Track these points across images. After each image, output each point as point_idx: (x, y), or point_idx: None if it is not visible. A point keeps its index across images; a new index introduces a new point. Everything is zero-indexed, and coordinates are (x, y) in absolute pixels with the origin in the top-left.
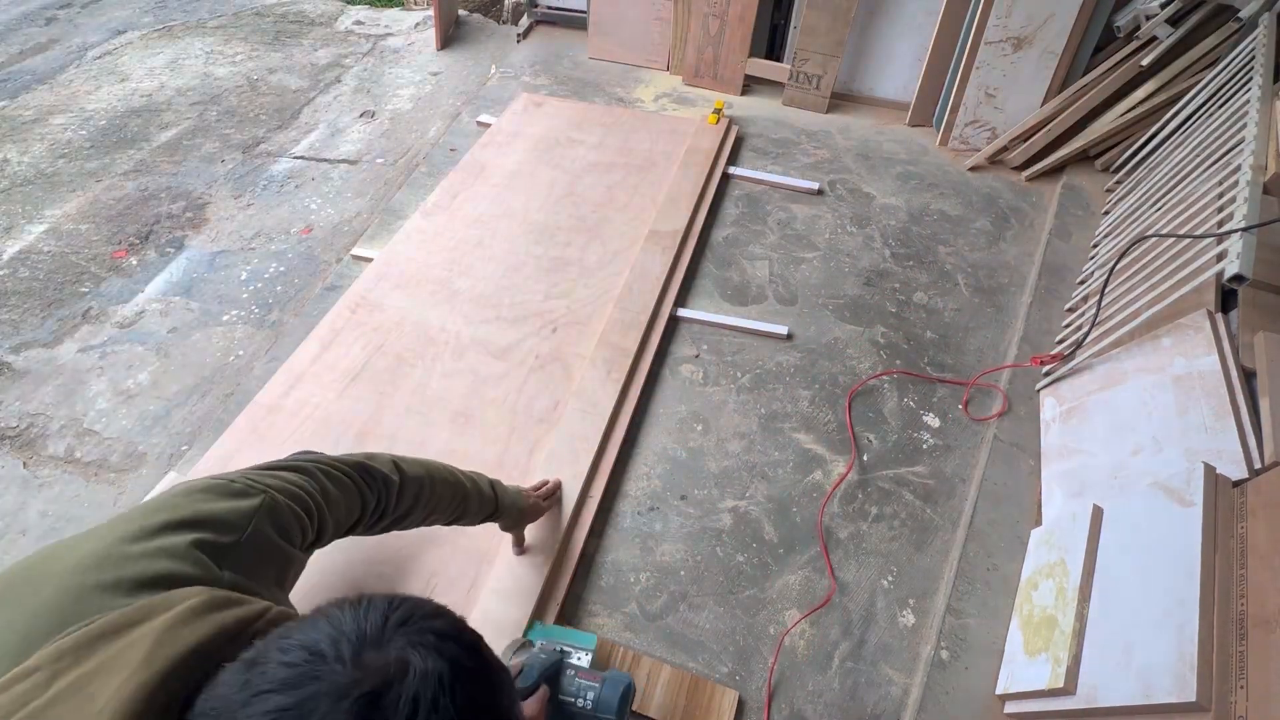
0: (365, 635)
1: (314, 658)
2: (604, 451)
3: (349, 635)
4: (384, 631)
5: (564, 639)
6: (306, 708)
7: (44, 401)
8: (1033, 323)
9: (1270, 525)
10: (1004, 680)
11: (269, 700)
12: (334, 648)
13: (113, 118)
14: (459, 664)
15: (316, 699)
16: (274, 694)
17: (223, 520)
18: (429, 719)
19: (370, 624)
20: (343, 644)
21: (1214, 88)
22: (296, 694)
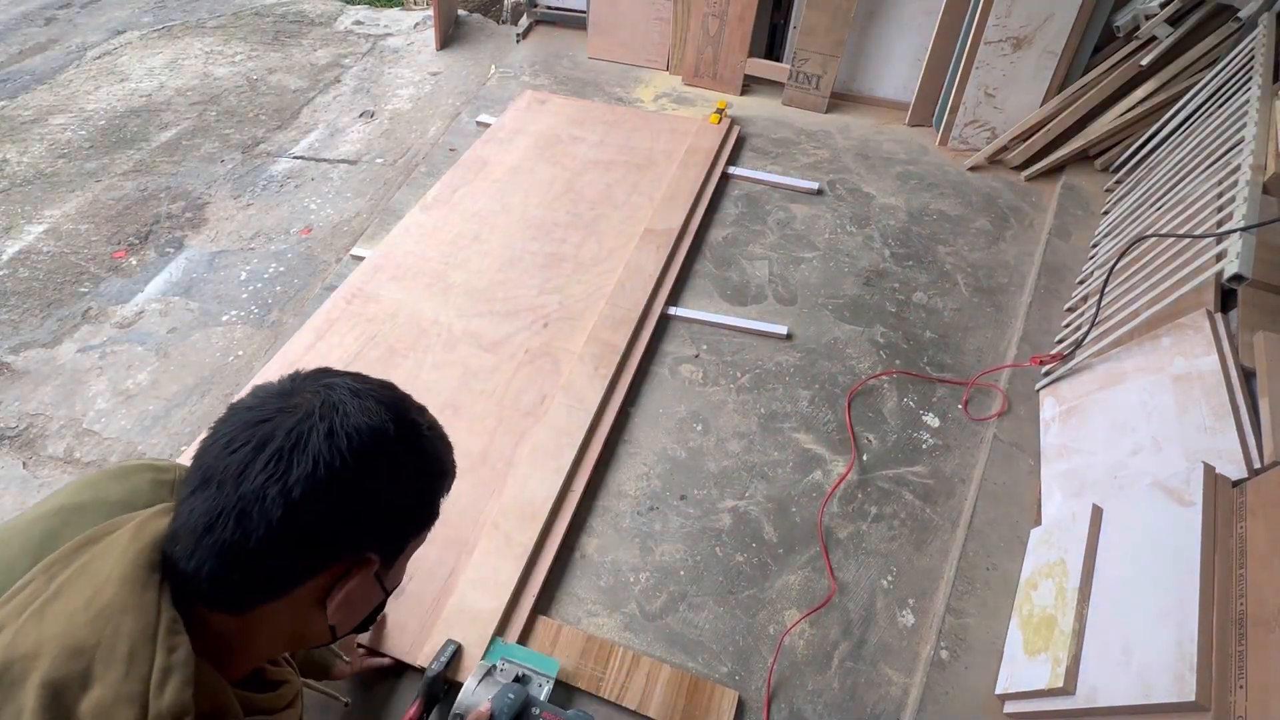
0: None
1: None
2: (588, 446)
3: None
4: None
5: (527, 662)
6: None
7: (43, 401)
8: (1032, 323)
9: (1270, 525)
10: (1004, 680)
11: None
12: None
13: (112, 118)
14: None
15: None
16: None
17: (165, 466)
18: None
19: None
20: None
21: (1214, 88)
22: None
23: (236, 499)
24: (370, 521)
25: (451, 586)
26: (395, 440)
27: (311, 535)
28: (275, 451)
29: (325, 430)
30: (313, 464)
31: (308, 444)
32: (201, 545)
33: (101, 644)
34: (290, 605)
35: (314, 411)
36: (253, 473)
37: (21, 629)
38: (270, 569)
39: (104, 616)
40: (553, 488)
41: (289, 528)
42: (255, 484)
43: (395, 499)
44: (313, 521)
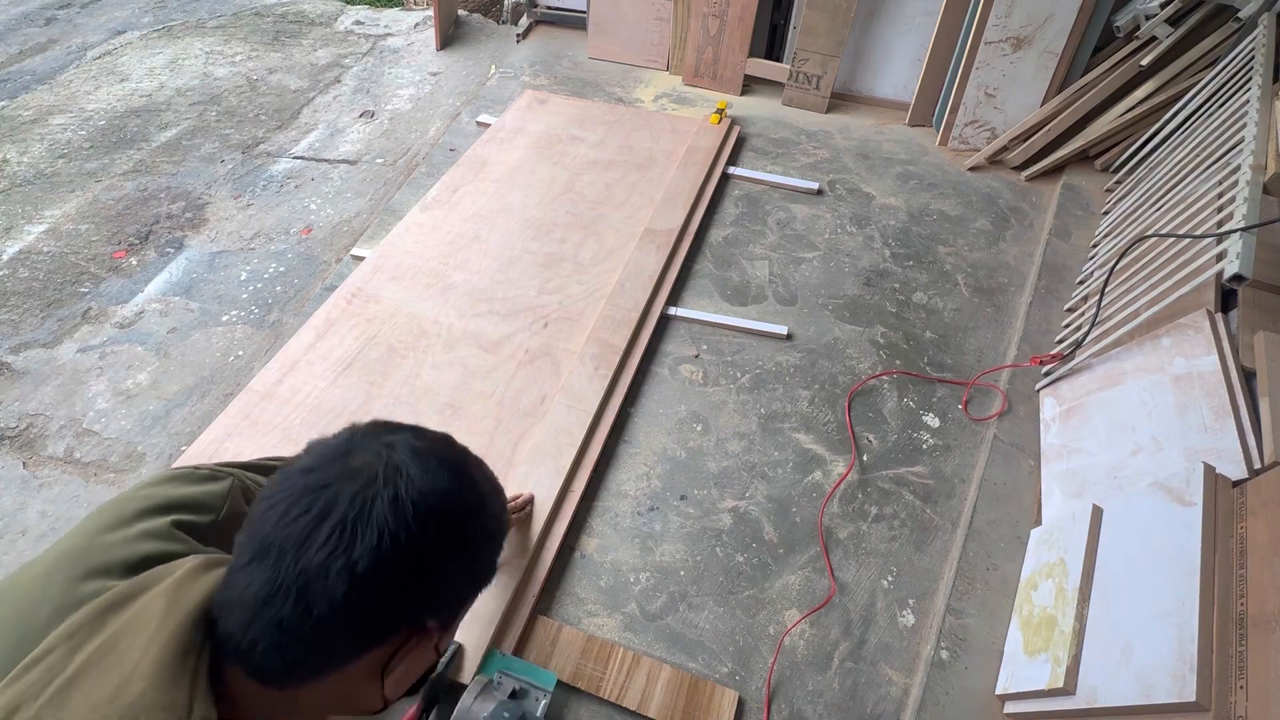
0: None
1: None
2: (588, 446)
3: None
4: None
5: (523, 675)
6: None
7: (44, 401)
8: (1032, 323)
9: (1270, 525)
10: (1004, 680)
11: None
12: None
13: (112, 118)
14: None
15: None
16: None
17: (198, 502)
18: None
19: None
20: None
21: (1214, 88)
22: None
23: (297, 573)
24: (433, 591)
25: None
26: (458, 504)
27: (375, 610)
28: (339, 522)
29: (390, 497)
30: (378, 535)
31: (372, 513)
32: (258, 619)
33: None
34: (342, 678)
35: (377, 476)
36: (314, 544)
37: (40, 715)
38: (329, 645)
39: (130, 717)
40: (553, 488)
41: (352, 603)
42: (318, 558)
43: (459, 566)
44: (376, 596)
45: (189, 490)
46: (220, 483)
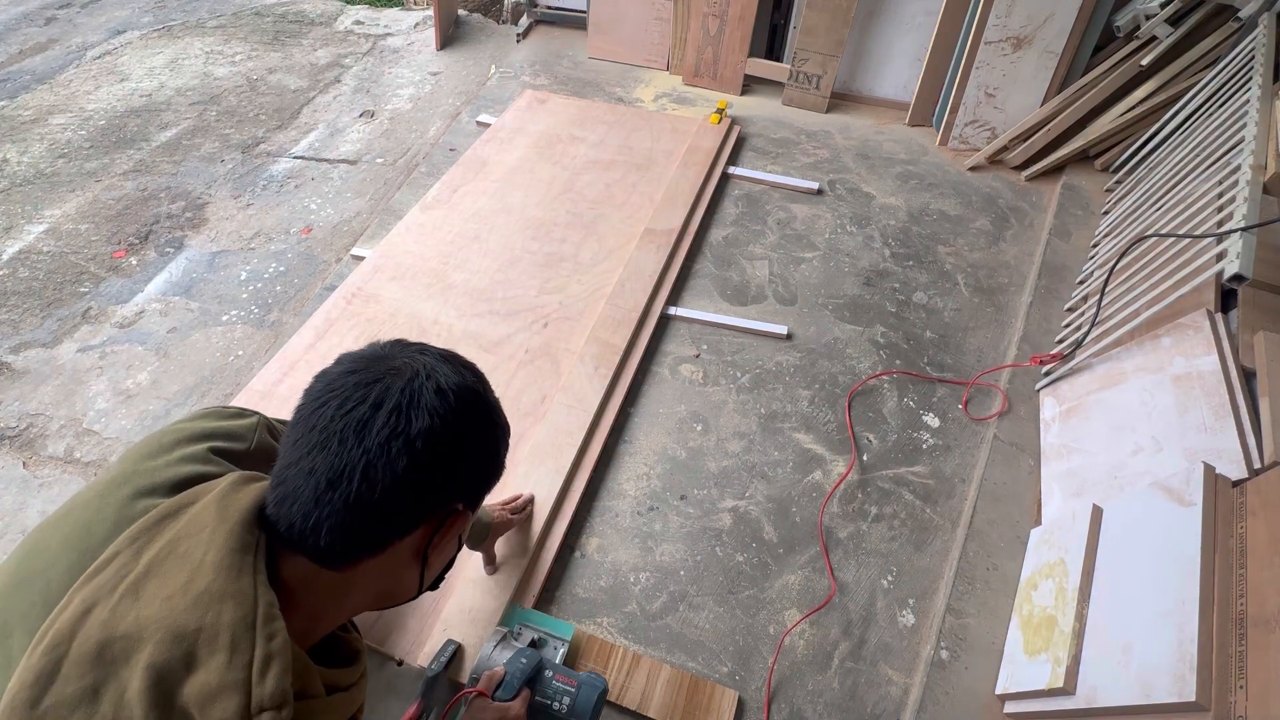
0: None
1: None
2: (588, 446)
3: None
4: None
5: (542, 626)
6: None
7: (44, 401)
8: (1032, 322)
9: (1270, 525)
10: (1004, 680)
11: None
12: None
13: (112, 118)
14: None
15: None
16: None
17: (230, 433)
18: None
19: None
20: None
21: (1214, 88)
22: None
23: (361, 454)
24: (467, 473)
25: (452, 586)
26: (484, 399)
27: (426, 485)
28: (395, 407)
29: (434, 388)
30: (429, 417)
31: (421, 400)
32: (324, 501)
33: (203, 630)
34: (388, 560)
35: (420, 372)
36: (375, 428)
37: (117, 607)
38: (387, 520)
39: (203, 603)
40: (552, 488)
41: (411, 478)
42: (379, 438)
43: (485, 452)
44: (428, 473)
45: (221, 423)
46: (249, 418)
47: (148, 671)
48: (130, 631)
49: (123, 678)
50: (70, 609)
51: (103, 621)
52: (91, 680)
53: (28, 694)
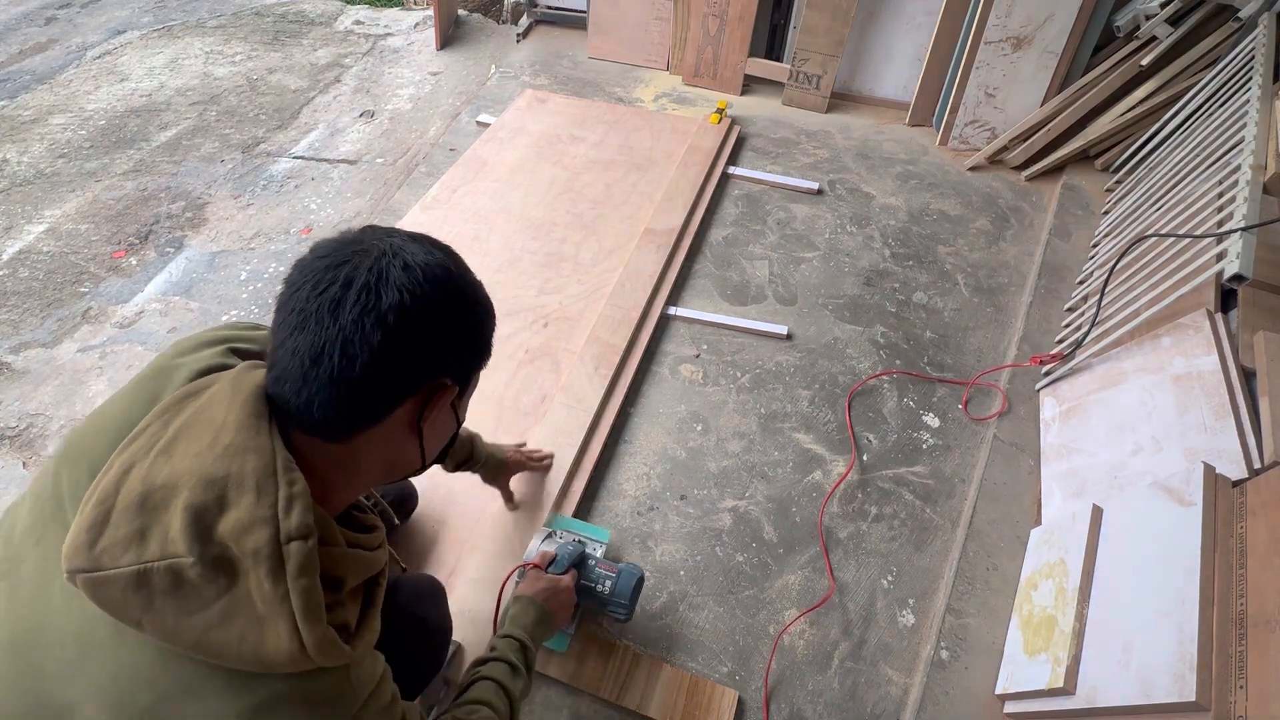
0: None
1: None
2: (588, 446)
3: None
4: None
5: (581, 531)
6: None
7: (44, 401)
8: (1032, 322)
9: (1270, 525)
10: (1004, 680)
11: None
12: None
13: (112, 118)
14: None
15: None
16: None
17: (246, 338)
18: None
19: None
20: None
21: (1214, 88)
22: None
23: (337, 331)
24: (447, 348)
25: (452, 586)
26: (457, 274)
27: (405, 358)
28: (363, 286)
29: (401, 265)
30: (397, 293)
31: (389, 277)
32: (310, 378)
33: (231, 477)
34: (386, 432)
35: (386, 251)
36: (347, 306)
37: (153, 464)
38: (372, 392)
39: (228, 455)
40: (553, 488)
41: (387, 350)
42: (352, 315)
43: (464, 327)
44: (404, 345)
45: (238, 331)
46: (263, 330)
47: (186, 512)
48: (167, 482)
49: (165, 520)
50: (112, 471)
51: (142, 477)
52: (138, 525)
53: (85, 538)
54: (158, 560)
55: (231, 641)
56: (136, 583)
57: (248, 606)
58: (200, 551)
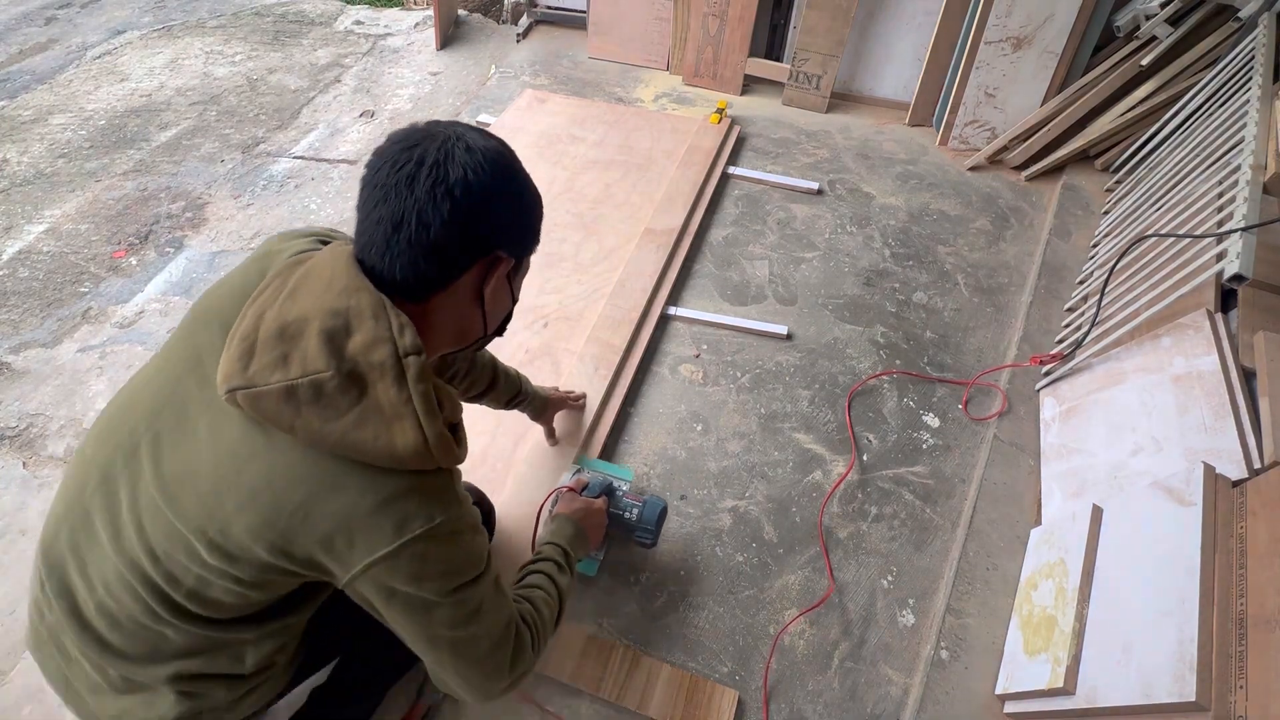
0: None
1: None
2: (588, 446)
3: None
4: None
5: (607, 470)
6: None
7: (44, 401)
8: (1032, 322)
9: (1270, 525)
10: (1004, 680)
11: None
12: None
13: (112, 118)
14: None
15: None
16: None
17: (330, 234)
18: (463, 149)
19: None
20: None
21: (1214, 88)
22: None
23: (413, 202)
24: (504, 222)
25: None
26: (511, 161)
27: (470, 228)
28: (434, 163)
29: (464, 148)
30: (462, 170)
31: (455, 157)
32: (392, 243)
33: (351, 309)
34: (455, 298)
35: (451, 136)
36: (420, 180)
37: (282, 306)
38: (444, 256)
39: (345, 294)
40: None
41: (455, 220)
42: (425, 187)
43: (518, 206)
44: (469, 217)
45: (323, 229)
46: (341, 232)
47: (320, 335)
48: (298, 317)
49: (302, 345)
50: (247, 318)
51: (275, 317)
52: (280, 352)
53: (237, 365)
54: (300, 377)
55: (367, 440)
56: (286, 396)
57: (377, 411)
58: (336, 366)
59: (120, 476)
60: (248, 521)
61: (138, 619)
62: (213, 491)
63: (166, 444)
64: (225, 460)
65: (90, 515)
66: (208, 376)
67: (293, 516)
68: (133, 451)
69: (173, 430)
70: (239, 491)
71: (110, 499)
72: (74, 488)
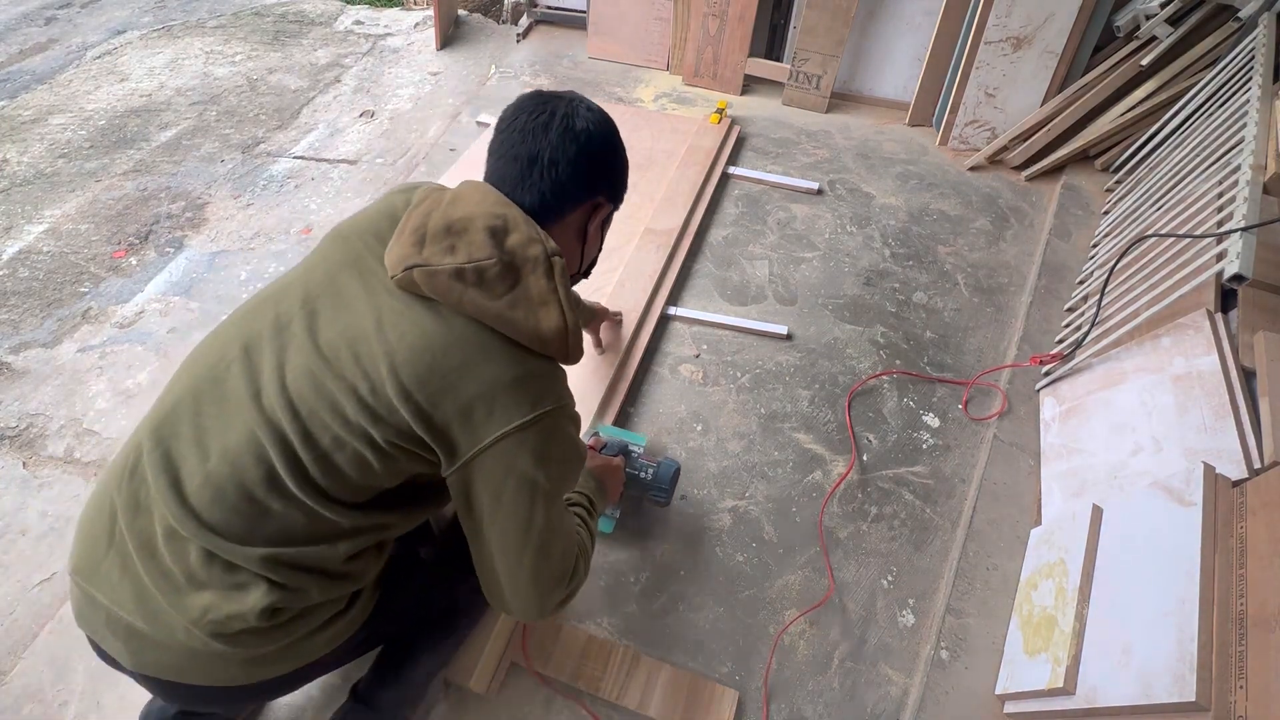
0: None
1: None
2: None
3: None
4: None
5: (622, 435)
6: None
7: (44, 401)
8: (1032, 322)
9: (1270, 525)
10: (1004, 680)
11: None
12: None
13: (112, 118)
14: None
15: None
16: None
17: (431, 184)
18: (582, 116)
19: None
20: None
21: (1214, 87)
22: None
23: (547, 144)
24: (608, 173)
25: None
26: (615, 126)
27: (586, 171)
28: (563, 115)
29: (585, 108)
30: (584, 123)
31: (578, 114)
32: (527, 175)
33: (507, 215)
34: (566, 231)
35: (574, 99)
36: (553, 128)
37: (446, 209)
38: (565, 191)
39: (499, 206)
40: None
41: (577, 165)
42: (557, 134)
43: (618, 162)
44: (586, 162)
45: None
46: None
47: (484, 230)
48: (463, 216)
49: (467, 238)
50: (413, 218)
51: (441, 216)
52: (448, 242)
53: (412, 250)
54: (467, 263)
55: (519, 319)
56: (455, 275)
57: (528, 297)
58: (498, 256)
59: (266, 346)
60: (402, 380)
61: (248, 489)
62: (371, 353)
63: (324, 318)
64: (389, 327)
65: (223, 382)
66: (369, 269)
67: (446, 378)
68: (284, 326)
69: (331, 308)
70: (400, 353)
71: (252, 365)
72: (206, 362)
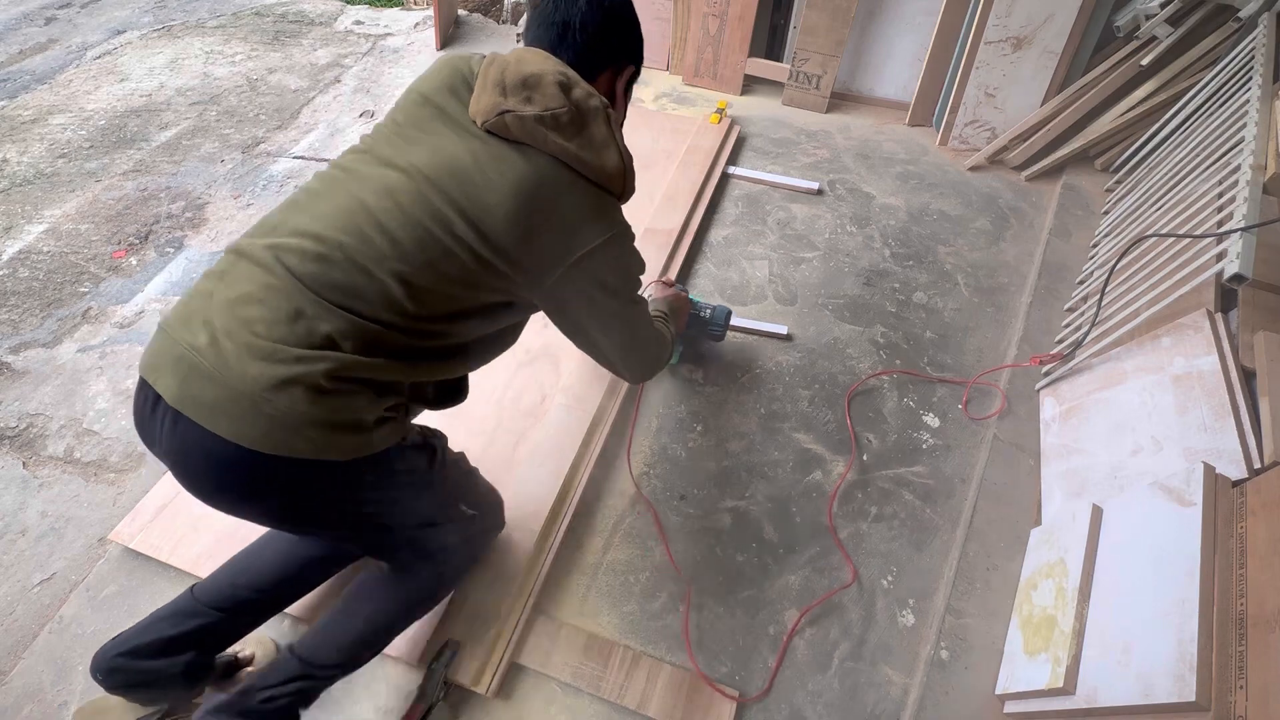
0: None
1: None
2: (588, 446)
3: None
4: None
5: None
6: None
7: (43, 401)
8: (1032, 322)
9: (1270, 525)
10: (1004, 680)
11: None
12: None
13: (112, 118)
14: None
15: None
16: None
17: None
18: None
19: None
20: None
21: (1214, 87)
22: None
23: (577, 11)
24: (630, 39)
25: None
26: (632, 5)
27: (613, 35)
28: None
29: None
30: None
31: None
32: (562, 38)
33: (565, 73)
34: (598, 89)
35: None
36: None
37: (518, 65)
38: (595, 53)
39: (559, 65)
40: (553, 488)
41: (604, 24)
42: (583, 2)
43: (637, 28)
44: (611, 27)
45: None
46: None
47: (555, 84)
48: (534, 72)
49: (541, 90)
50: (490, 74)
51: (515, 72)
52: (525, 94)
53: (498, 98)
54: (545, 110)
55: (589, 158)
56: (536, 121)
57: (591, 141)
58: (569, 104)
59: (371, 180)
60: (507, 210)
61: (359, 262)
62: (474, 185)
63: (426, 160)
64: (488, 166)
65: (335, 194)
66: (453, 119)
67: (542, 209)
68: (386, 162)
69: (429, 150)
70: (502, 188)
71: (361, 191)
72: (325, 181)
